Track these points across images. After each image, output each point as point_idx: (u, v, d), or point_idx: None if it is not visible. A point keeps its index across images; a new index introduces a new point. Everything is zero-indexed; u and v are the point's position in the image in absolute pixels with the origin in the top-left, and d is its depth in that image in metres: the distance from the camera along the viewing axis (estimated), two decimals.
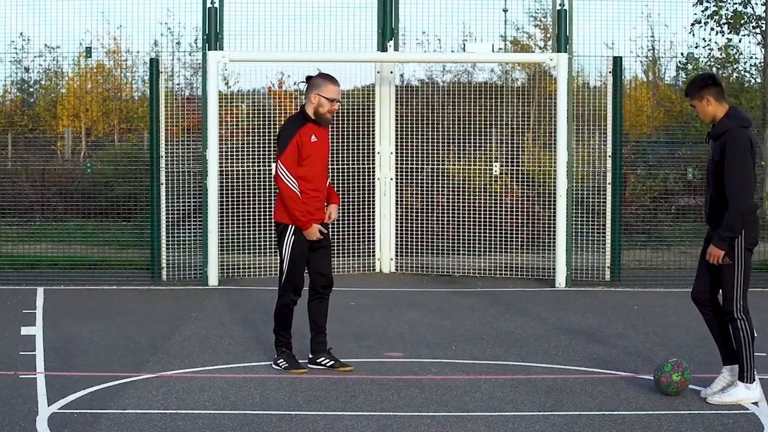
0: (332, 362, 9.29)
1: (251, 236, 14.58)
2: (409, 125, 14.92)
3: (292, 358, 9.32)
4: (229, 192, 14.41)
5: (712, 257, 8.28)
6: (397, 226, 14.90)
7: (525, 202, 14.72)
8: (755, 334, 8.46)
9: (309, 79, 9.20)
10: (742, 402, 8.36)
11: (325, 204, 9.27)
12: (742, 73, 16.88)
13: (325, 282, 9.28)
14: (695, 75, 8.70)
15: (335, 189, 9.67)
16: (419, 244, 14.81)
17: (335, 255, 14.80)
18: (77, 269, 14.62)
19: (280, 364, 9.30)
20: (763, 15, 16.63)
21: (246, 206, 14.49)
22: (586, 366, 9.60)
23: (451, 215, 14.74)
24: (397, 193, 14.83)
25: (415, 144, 14.86)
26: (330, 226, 9.37)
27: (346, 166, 14.83)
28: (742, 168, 8.10)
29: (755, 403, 8.30)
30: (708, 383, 8.89)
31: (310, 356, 9.36)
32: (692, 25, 16.58)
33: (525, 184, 14.82)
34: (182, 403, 8.32)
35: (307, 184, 9.07)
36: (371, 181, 14.91)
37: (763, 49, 16.61)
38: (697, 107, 8.36)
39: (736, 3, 16.69)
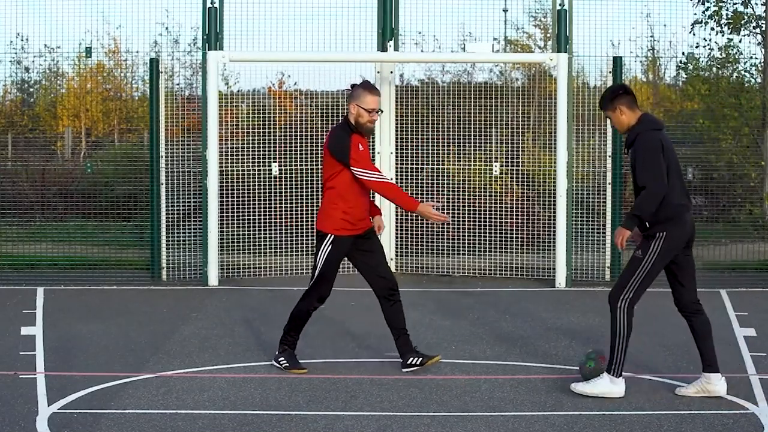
0: (421, 359, 9.20)
1: (251, 236, 14.58)
2: (409, 125, 14.91)
3: (293, 357, 9.33)
4: (229, 192, 14.41)
5: (617, 237, 8.39)
6: (397, 226, 14.90)
7: (525, 202, 14.72)
8: (629, 333, 8.58)
9: (352, 87, 9.20)
10: (604, 395, 8.43)
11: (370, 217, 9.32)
12: (742, 73, 16.87)
13: (387, 285, 9.22)
14: (608, 88, 8.87)
15: None
16: (419, 244, 14.81)
17: None
18: (77, 269, 14.62)
19: (281, 362, 9.31)
20: (764, 15, 16.62)
21: (246, 206, 14.49)
22: None
23: (451, 215, 14.74)
24: None
25: (415, 144, 14.85)
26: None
27: None
28: (653, 167, 8.27)
29: (720, 397, 8.30)
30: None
31: (401, 361, 9.29)
32: (692, 25, 16.57)
33: (525, 184, 14.82)
34: (182, 403, 8.32)
35: (351, 193, 9.06)
36: None
37: (763, 49, 16.60)
38: (612, 118, 8.61)
39: (736, 3, 16.69)
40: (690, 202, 8.64)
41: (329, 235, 9.10)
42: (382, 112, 9.36)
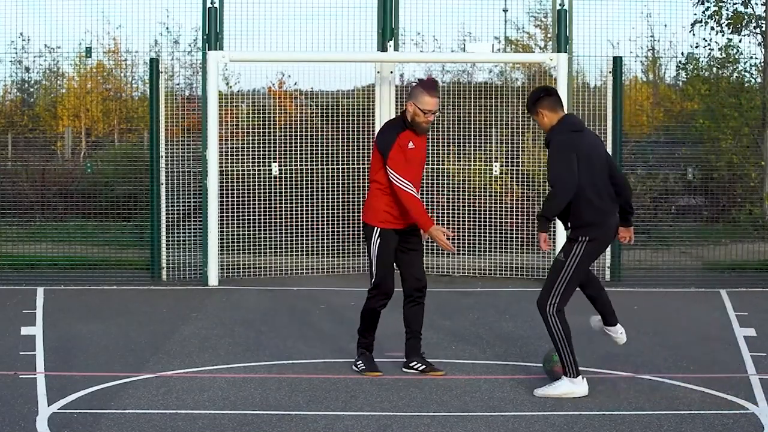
0: (424, 366, 9.19)
1: (251, 236, 14.58)
2: None
3: (370, 360, 9.24)
4: (229, 192, 14.41)
5: (539, 241, 8.52)
6: None
7: (525, 202, 14.72)
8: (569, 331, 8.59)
9: (412, 86, 9.17)
10: (567, 395, 8.45)
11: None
12: (742, 73, 16.88)
13: (419, 285, 9.19)
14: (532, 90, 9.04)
15: (335, 189, 9.67)
16: None
17: (336, 255, 14.82)
18: (77, 269, 14.62)
19: (358, 366, 9.24)
20: (764, 15, 16.62)
21: (246, 206, 14.49)
22: (586, 366, 9.58)
23: (451, 215, 14.74)
24: None
25: None
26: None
27: (346, 166, 14.83)
28: (561, 168, 8.35)
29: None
30: (709, 383, 8.92)
31: (404, 361, 9.30)
32: (692, 25, 16.57)
33: (525, 184, 14.82)
34: (182, 403, 8.32)
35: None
36: None
37: (763, 49, 16.60)
38: (537, 120, 8.75)
39: (736, 3, 16.69)
40: (616, 206, 8.69)
41: (375, 227, 9.06)
42: (438, 113, 9.26)
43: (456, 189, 14.80)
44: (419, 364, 9.20)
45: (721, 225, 15.83)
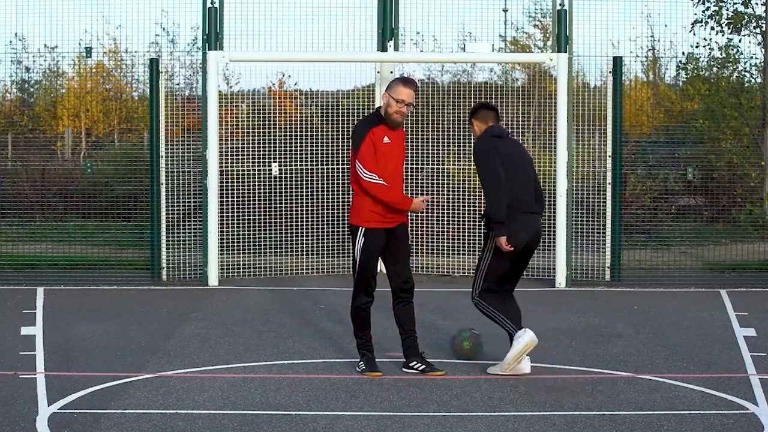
0: (424, 366, 9.18)
1: (251, 236, 14.58)
2: (409, 125, 14.90)
3: (370, 361, 9.21)
4: (229, 192, 14.41)
5: (499, 244, 9.13)
6: None
7: None
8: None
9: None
10: (524, 349, 9.04)
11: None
12: (742, 73, 16.87)
13: (405, 286, 9.20)
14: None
15: (335, 189, 9.66)
16: (419, 244, 14.80)
17: (336, 254, 14.82)
18: (77, 269, 14.62)
19: (360, 366, 9.23)
20: (764, 15, 16.62)
21: (246, 206, 14.49)
22: (586, 366, 9.60)
23: (451, 215, 14.74)
24: None
25: (415, 144, 14.85)
26: (408, 228, 9.38)
27: (346, 166, 14.82)
28: (485, 170, 9.12)
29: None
30: (709, 383, 8.91)
31: (404, 361, 9.29)
32: (692, 24, 16.56)
33: None
34: (182, 403, 8.32)
35: None
36: None
37: (763, 49, 16.60)
38: (472, 131, 9.48)
39: (736, 3, 16.68)
40: (538, 207, 9.39)
41: (360, 227, 9.07)
42: (413, 106, 9.28)
43: (456, 189, 14.80)
44: (419, 364, 9.20)
45: (721, 225, 15.83)
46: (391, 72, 14.87)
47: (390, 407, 8.21)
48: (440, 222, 14.83)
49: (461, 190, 14.79)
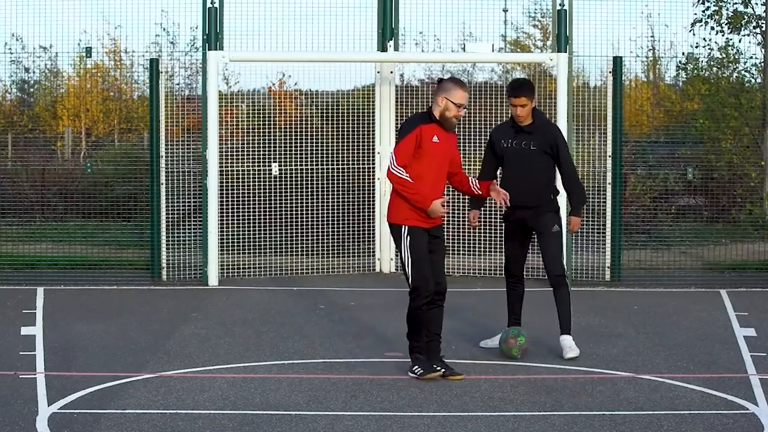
0: (444, 370, 9.05)
1: (251, 236, 14.58)
2: None
3: (426, 363, 9.03)
4: (229, 192, 14.41)
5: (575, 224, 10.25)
6: None
7: None
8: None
9: (440, 81, 9.12)
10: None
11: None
12: (742, 73, 16.87)
13: (439, 288, 9.03)
14: None
15: (335, 189, 9.64)
16: None
17: (336, 255, 14.82)
18: (77, 269, 14.62)
19: (415, 371, 9.02)
20: (764, 15, 16.62)
21: (246, 206, 14.49)
22: (586, 366, 9.60)
23: (450, 215, 14.73)
24: None
25: None
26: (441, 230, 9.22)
27: (345, 166, 14.83)
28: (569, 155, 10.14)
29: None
30: (709, 383, 8.91)
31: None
32: (692, 24, 16.56)
33: None
34: (182, 403, 8.32)
35: (419, 183, 8.89)
36: (371, 181, 14.91)
37: (763, 49, 16.60)
38: (522, 107, 9.85)
39: (736, 3, 16.68)
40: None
41: (402, 226, 8.95)
42: (466, 108, 9.22)
43: (456, 189, 14.76)
44: (439, 367, 9.11)
45: (721, 225, 15.82)
46: (391, 72, 14.88)
47: (390, 407, 8.21)
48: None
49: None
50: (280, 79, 15.97)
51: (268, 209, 14.56)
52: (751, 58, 16.76)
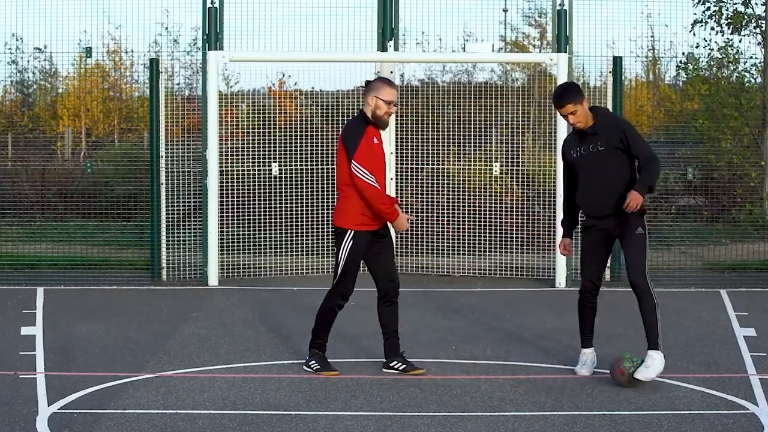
0: (404, 366, 9.17)
1: (251, 236, 14.58)
2: (409, 125, 14.91)
3: (324, 360, 9.23)
4: (229, 192, 14.41)
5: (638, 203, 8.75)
6: None
7: (525, 202, 14.72)
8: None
9: (368, 83, 9.19)
10: (659, 370, 8.77)
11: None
12: (742, 73, 16.87)
13: (394, 285, 9.21)
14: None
15: (334, 189, 9.63)
16: (419, 244, 14.81)
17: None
18: (77, 269, 14.62)
19: (312, 366, 9.21)
20: (764, 15, 16.62)
21: (246, 206, 14.49)
22: None
23: (451, 215, 14.74)
24: (397, 193, 14.82)
25: (415, 144, 14.85)
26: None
27: None
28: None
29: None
30: (709, 383, 8.91)
31: (384, 361, 9.29)
32: (692, 24, 16.56)
33: (525, 184, 14.81)
34: (182, 403, 8.32)
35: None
36: None
37: (763, 49, 16.60)
38: (574, 113, 8.91)
39: (736, 3, 16.68)
40: None
41: (349, 231, 9.06)
42: (396, 106, 9.34)
43: (456, 189, 14.80)
44: (400, 364, 9.21)
45: (721, 225, 15.82)
46: (391, 72, 14.86)
47: (390, 407, 8.21)
48: (440, 222, 14.82)
49: (461, 190, 14.79)
50: (280, 79, 15.98)
51: (268, 209, 14.56)
52: (751, 58, 16.76)
